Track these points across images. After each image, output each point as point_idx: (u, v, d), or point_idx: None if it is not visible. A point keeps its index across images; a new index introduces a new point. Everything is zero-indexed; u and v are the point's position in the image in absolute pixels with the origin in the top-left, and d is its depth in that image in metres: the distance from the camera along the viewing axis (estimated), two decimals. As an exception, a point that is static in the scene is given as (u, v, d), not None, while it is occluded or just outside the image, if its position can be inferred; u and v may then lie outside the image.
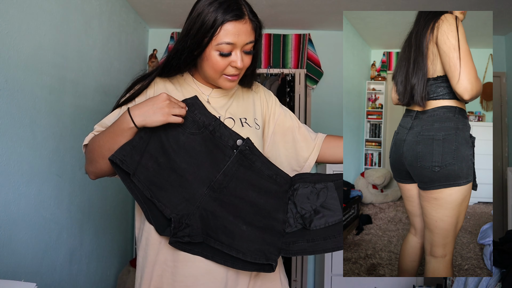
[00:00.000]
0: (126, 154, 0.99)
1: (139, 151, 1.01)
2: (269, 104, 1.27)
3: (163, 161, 1.03)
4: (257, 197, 1.07)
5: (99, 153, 1.05)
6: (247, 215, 1.05)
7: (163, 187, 1.02)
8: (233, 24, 1.03)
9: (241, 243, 1.02)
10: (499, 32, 3.66)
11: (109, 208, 2.84)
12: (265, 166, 1.10)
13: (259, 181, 1.08)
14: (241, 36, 1.04)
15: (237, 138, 1.08)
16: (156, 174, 1.02)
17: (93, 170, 1.10)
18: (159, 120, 0.98)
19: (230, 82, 1.11)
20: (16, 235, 1.80)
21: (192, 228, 1.01)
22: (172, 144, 1.03)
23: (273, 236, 1.05)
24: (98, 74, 2.63)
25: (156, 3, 3.14)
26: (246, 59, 1.08)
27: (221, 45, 1.03)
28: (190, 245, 1.02)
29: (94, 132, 1.13)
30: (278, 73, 3.68)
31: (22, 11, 1.81)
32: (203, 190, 1.04)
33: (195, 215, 1.02)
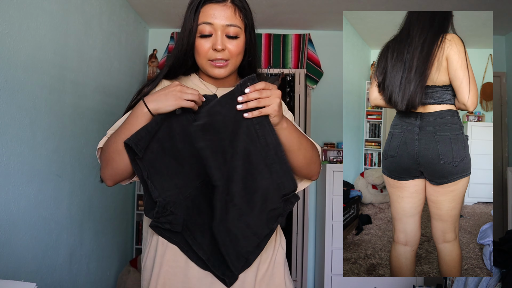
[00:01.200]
0: (140, 138, 0.99)
1: (151, 135, 1.02)
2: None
3: (168, 147, 1.03)
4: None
5: (114, 149, 1.02)
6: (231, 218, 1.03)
7: (159, 171, 1.02)
8: (210, 6, 1.06)
9: (210, 245, 1.03)
10: (499, 32, 3.66)
11: (109, 208, 2.84)
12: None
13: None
14: (219, 18, 1.06)
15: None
16: (158, 157, 1.02)
17: (110, 172, 1.05)
18: (172, 104, 0.98)
19: (218, 69, 1.10)
20: (16, 235, 1.80)
21: (175, 216, 1.01)
22: (180, 132, 1.03)
23: (247, 248, 1.03)
24: (98, 74, 2.63)
25: (156, 3, 3.14)
26: (230, 44, 1.08)
27: (200, 26, 1.06)
28: (170, 232, 1.03)
29: (107, 136, 1.12)
30: (278, 73, 3.68)
31: (22, 11, 1.81)
32: (196, 183, 1.04)
33: (181, 205, 1.02)
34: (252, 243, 1.03)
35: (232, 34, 1.08)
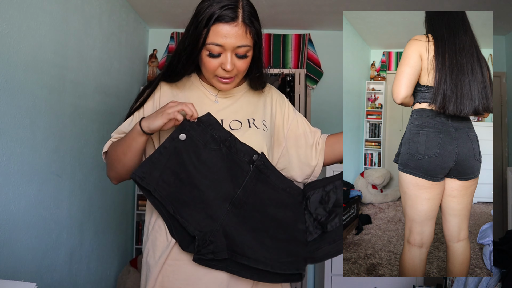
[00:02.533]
0: (145, 171, 1.02)
1: (159, 167, 1.03)
2: (282, 109, 1.26)
3: (185, 177, 1.04)
4: (275, 210, 1.08)
5: (115, 157, 1.11)
6: (270, 228, 1.07)
7: (185, 203, 1.03)
8: (222, 26, 1.02)
9: (267, 256, 1.04)
10: (499, 32, 3.66)
11: (109, 208, 2.84)
12: (279, 180, 1.11)
13: (275, 195, 1.10)
14: (230, 39, 1.03)
15: (253, 153, 1.09)
16: (178, 190, 1.03)
17: (113, 175, 1.16)
18: (159, 123, 1.02)
19: (224, 84, 1.11)
20: (16, 235, 1.80)
21: (216, 245, 1.02)
22: (194, 160, 1.04)
23: (297, 247, 1.07)
24: (98, 74, 2.63)
25: (156, 3, 3.14)
26: (238, 63, 1.07)
27: (209, 46, 1.04)
28: (214, 261, 1.04)
29: (112, 139, 1.17)
30: (278, 73, 3.68)
31: (22, 11, 1.81)
32: (226, 206, 1.05)
33: (218, 232, 1.03)
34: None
35: (241, 54, 1.06)
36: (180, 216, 1.02)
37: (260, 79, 1.18)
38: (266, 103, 1.23)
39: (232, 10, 1.02)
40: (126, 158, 1.09)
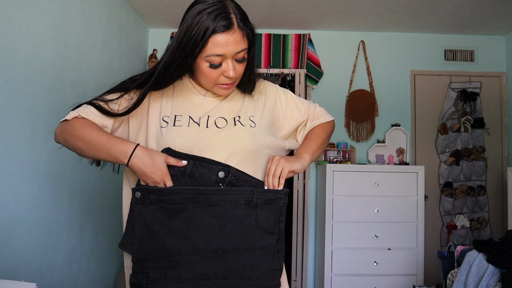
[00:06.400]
0: (130, 235, 1.08)
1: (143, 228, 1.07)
2: (276, 102, 1.26)
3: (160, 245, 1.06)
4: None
5: (78, 141, 1.08)
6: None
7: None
8: (220, 35, 1.01)
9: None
10: (499, 32, 3.66)
11: (109, 208, 2.84)
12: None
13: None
14: (230, 47, 1.03)
15: (218, 170, 1.07)
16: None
17: (62, 143, 1.14)
18: (140, 175, 1.05)
19: (225, 90, 1.12)
20: (16, 235, 1.80)
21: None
22: (161, 226, 1.06)
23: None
24: (98, 74, 2.63)
25: (156, 3, 3.14)
26: (238, 67, 1.08)
27: (210, 57, 1.03)
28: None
29: (80, 112, 1.12)
30: (278, 73, 3.68)
31: (22, 11, 1.81)
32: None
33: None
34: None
35: (240, 59, 1.07)
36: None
37: (249, 81, 1.18)
38: (255, 99, 1.23)
39: (225, 18, 1.01)
40: (88, 153, 1.07)
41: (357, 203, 3.12)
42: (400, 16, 3.36)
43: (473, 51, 3.75)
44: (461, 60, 3.74)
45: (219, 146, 1.09)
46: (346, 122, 3.67)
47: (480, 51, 3.75)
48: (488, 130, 3.64)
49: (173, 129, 1.10)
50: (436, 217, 3.64)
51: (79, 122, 1.09)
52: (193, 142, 1.09)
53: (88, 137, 1.06)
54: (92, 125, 1.09)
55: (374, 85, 3.69)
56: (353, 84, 3.70)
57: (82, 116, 1.11)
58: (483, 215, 3.62)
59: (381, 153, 3.58)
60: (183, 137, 1.09)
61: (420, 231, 3.12)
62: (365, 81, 3.72)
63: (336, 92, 3.70)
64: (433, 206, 3.64)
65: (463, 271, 2.14)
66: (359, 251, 3.09)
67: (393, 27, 3.62)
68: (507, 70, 3.71)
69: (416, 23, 3.49)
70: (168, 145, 1.08)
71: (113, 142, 1.05)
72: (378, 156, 3.58)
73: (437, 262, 2.74)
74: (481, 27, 3.55)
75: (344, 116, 3.68)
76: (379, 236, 3.09)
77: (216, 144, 1.09)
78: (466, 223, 3.56)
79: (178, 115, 1.12)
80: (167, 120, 1.12)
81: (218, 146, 1.09)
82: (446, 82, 3.70)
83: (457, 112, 3.65)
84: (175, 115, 1.12)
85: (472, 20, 3.38)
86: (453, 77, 3.70)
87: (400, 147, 3.58)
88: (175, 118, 1.12)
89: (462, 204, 3.61)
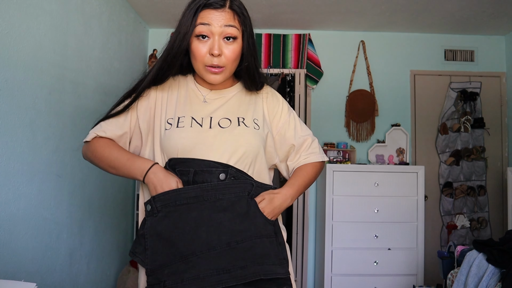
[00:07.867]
0: (139, 245, 1.09)
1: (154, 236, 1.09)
2: (275, 110, 1.25)
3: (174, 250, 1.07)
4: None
5: (101, 161, 1.16)
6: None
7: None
8: (209, 11, 1.08)
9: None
10: (499, 32, 3.66)
11: (109, 208, 2.84)
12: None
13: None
14: (217, 19, 1.07)
15: (218, 173, 1.08)
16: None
17: (90, 161, 1.21)
18: (152, 191, 1.09)
19: (214, 75, 1.12)
20: (16, 235, 1.80)
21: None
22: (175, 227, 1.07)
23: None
24: (98, 74, 2.63)
25: (156, 3, 3.14)
26: (226, 48, 1.09)
27: (198, 27, 1.08)
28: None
29: (98, 132, 1.17)
30: (278, 73, 3.68)
31: (22, 11, 1.81)
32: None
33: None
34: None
35: (230, 35, 1.08)
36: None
37: (249, 74, 1.17)
38: (257, 103, 1.23)
39: (219, 0, 1.08)
40: (111, 172, 1.16)
41: (357, 203, 3.12)
42: (400, 16, 3.36)
43: (473, 51, 3.75)
44: (461, 60, 3.74)
45: (222, 144, 1.10)
46: (346, 122, 3.67)
47: (480, 51, 3.75)
48: (488, 130, 3.65)
49: (176, 130, 1.11)
50: (436, 217, 3.64)
51: (99, 143, 1.16)
52: (195, 142, 1.10)
53: (110, 158, 1.13)
54: (111, 145, 1.15)
55: (374, 85, 3.70)
56: (353, 84, 3.70)
57: (100, 136, 1.16)
58: (483, 215, 3.62)
59: (381, 153, 3.59)
60: (185, 138, 1.10)
61: (420, 231, 3.12)
62: (365, 81, 3.72)
63: (336, 92, 3.70)
64: (433, 206, 3.64)
65: (463, 271, 2.14)
66: (359, 251, 3.09)
67: (393, 27, 3.62)
68: (507, 70, 3.71)
69: (416, 23, 3.50)
70: (171, 146, 1.10)
71: (133, 161, 1.11)
72: (378, 156, 3.58)
73: (437, 262, 2.73)
74: (481, 27, 3.55)
75: (344, 116, 3.68)
76: (379, 236, 3.09)
77: (218, 143, 1.10)
78: (466, 223, 3.56)
79: (181, 116, 1.14)
80: (171, 122, 1.14)
81: (220, 145, 1.10)
82: (446, 82, 3.70)
83: (457, 112, 3.65)
84: (178, 116, 1.14)
85: (472, 20, 3.38)
86: (453, 77, 3.70)
87: (400, 147, 3.58)
88: (179, 120, 1.13)
89: (462, 204, 3.61)
